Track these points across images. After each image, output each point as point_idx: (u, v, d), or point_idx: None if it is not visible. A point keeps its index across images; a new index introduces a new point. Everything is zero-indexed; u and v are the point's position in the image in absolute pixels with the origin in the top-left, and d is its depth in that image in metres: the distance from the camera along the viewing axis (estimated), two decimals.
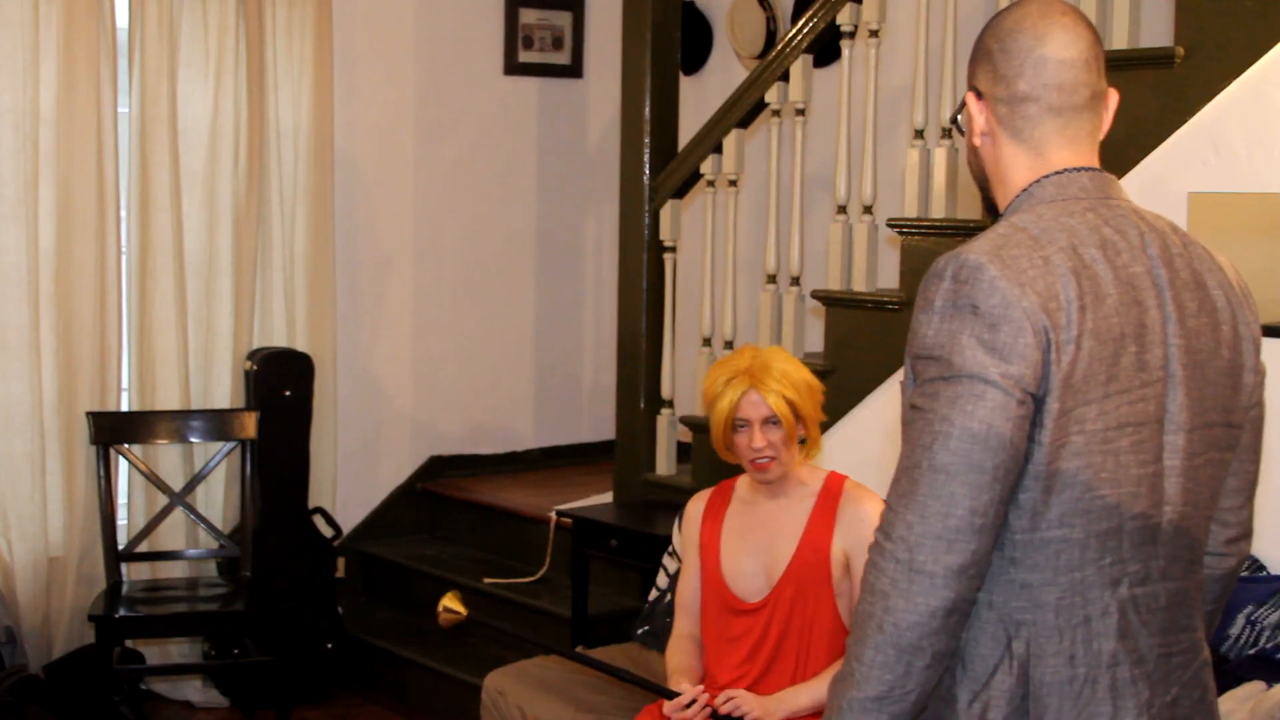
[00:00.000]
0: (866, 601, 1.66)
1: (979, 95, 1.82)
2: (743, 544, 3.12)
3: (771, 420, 3.01)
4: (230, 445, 4.64)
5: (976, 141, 1.83)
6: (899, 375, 1.88)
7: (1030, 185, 1.78)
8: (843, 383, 4.15)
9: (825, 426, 4.17)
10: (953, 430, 1.61)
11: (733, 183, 4.59)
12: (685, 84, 5.35)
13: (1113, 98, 1.83)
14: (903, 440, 1.69)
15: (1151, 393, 1.69)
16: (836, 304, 4.22)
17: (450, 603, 3.29)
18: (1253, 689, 2.82)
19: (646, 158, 4.78)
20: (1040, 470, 1.65)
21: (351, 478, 5.41)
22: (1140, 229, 1.75)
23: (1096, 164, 1.81)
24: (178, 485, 4.69)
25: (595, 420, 6.10)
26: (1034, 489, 1.65)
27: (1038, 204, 1.76)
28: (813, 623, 3.01)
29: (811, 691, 2.95)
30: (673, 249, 4.78)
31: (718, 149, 4.58)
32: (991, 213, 1.89)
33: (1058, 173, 1.77)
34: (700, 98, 5.79)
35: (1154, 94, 3.47)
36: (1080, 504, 1.66)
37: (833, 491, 3.08)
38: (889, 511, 1.67)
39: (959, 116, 1.89)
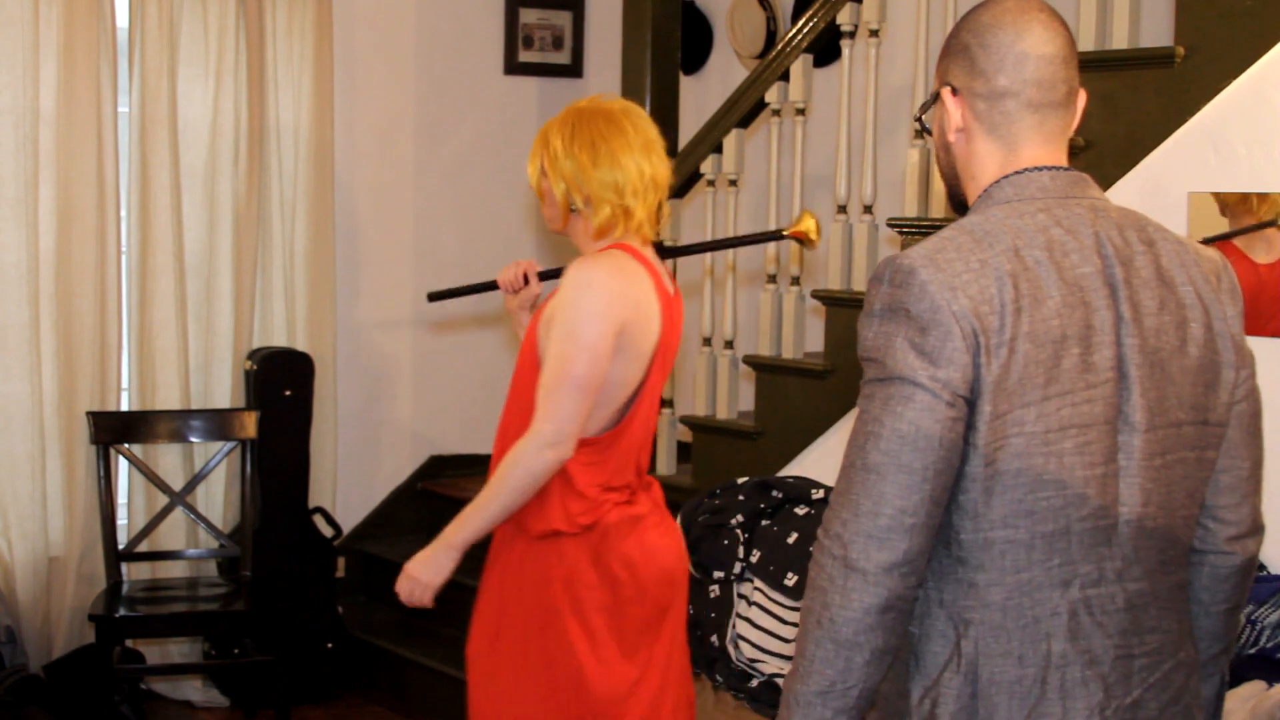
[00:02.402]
0: (809, 597, 1.70)
1: (954, 91, 1.81)
2: None
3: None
4: (230, 445, 4.64)
5: (951, 138, 1.83)
6: None
7: (990, 186, 1.79)
8: (843, 383, 4.15)
9: (825, 426, 4.20)
10: (883, 431, 1.65)
11: (733, 182, 4.59)
12: (685, 84, 5.35)
13: (1082, 97, 1.84)
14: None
15: (1099, 394, 1.69)
16: (836, 304, 4.22)
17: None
18: (1253, 689, 2.82)
19: None
20: (978, 472, 1.67)
21: (351, 478, 5.41)
22: (1095, 228, 1.74)
23: (1064, 161, 1.81)
24: (178, 485, 4.69)
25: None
26: (973, 490, 1.67)
27: (992, 205, 1.77)
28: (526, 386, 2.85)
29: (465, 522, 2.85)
30: None
31: (718, 149, 4.58)
32: (959, 210, 1.90)
33: (1018, 172, 1.78)
34: (700, 98, 5.79)
35: (1154, 94, 3.47)
36: (1023, 505, 1.67)
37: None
38: (829, 509, 1.71)
39: (923, 116, 1.89)
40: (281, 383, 4.86)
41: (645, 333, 2.83)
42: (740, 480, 4.05)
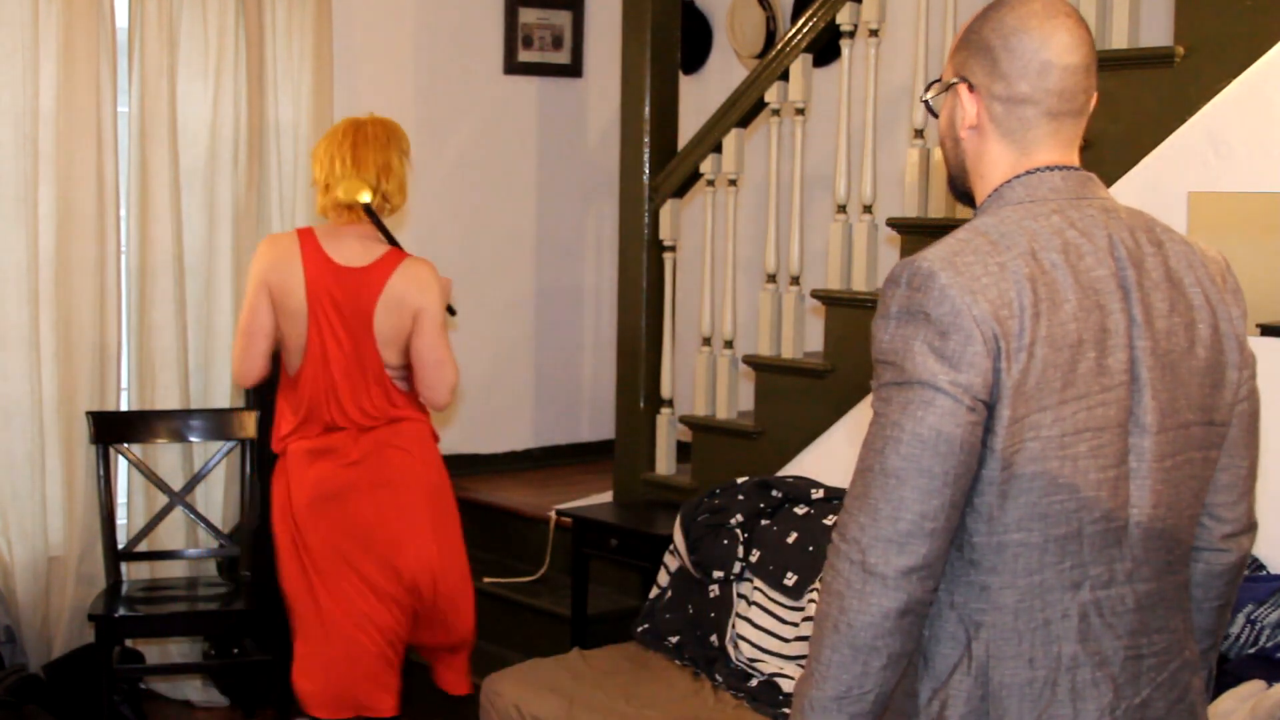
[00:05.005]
0: (824, 601, 1.69)
1: (971, 87, 1.80)
2: None
3: None
4: (230, 445, 4.63)
5: (963, 134, 1.82)
6: None
7: (1001, 186, 1.78)
8: (842, 382, 4.15)
9: (825, 426, 4.20)
10: (903, 435, 1.64)
11: (732, 182, 4.59)
12: (685, 84, 5.35)
13: (1093, 99, 1.83)
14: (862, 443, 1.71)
15: (1113, 397, 1.69)
16: (836, 304, 4.22)
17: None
18: (1253, 688, 2.82)
19: (646, 157, 4.79)
20: (995, 476, 1.66)
21: None
22: (1109, 230, 1.74)
23: (1076, 161, 1.80)
24: (177, 485, 4.69)
25: (595, 420, 6.10)
26: (989, 494, 1.67)
27: (1004, 205, 1.76)
28: None
29: None
30: (672, 249, 4.78)
31: (717, 148, 4.58)
32: (960, 199, 1.89)
33: (1029, 173, 1.77)
34: (700, 97, 5.80)
35: (1154, 94, 3.47)
36: (1037, 509, 1.67)
37: None
38: (845, 514, 1.69)
39: (931, 101, 1.87)
40: None
41: (288, 295, 3.58)
42: (740, 480, 4.05)
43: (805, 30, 4.32)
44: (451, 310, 3.83)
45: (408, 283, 3.60)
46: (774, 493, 3.94)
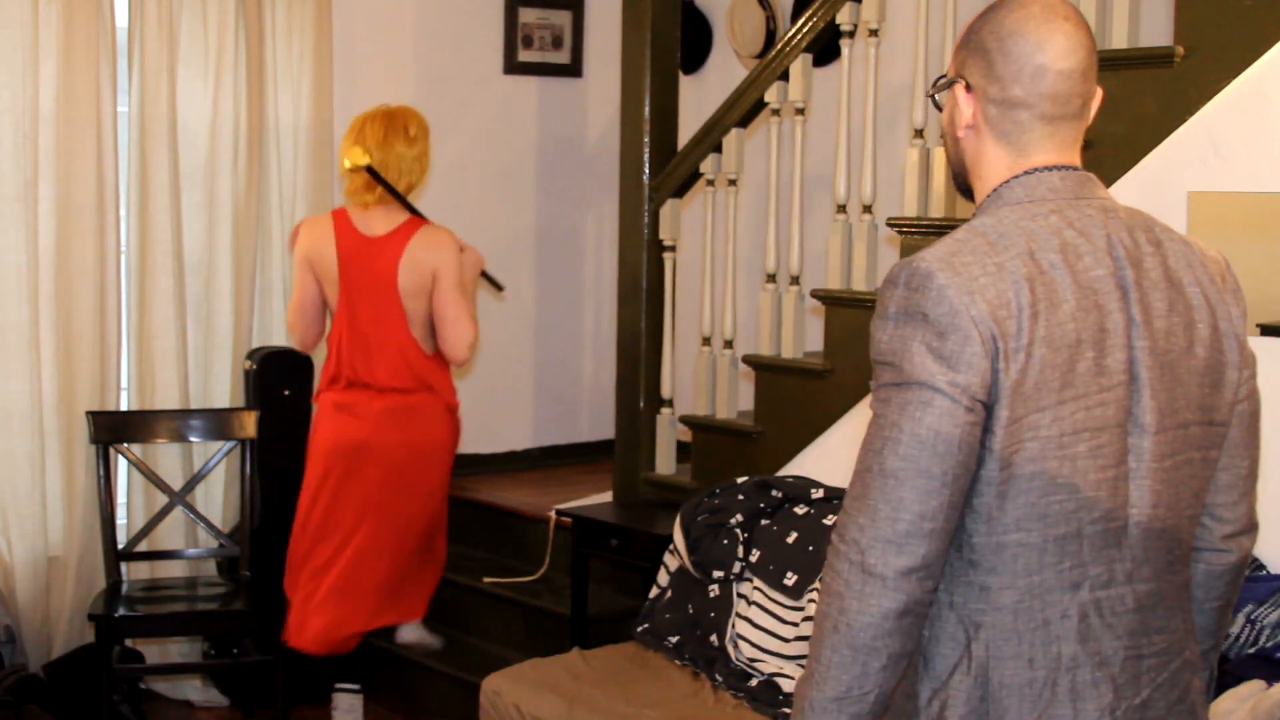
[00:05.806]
0: (824, 602, 1.69)
1: (968, 88, 1.80)
2: None
3: None
4: (230, 445, 4.64)
5: (960, 134, 1.82)
6: None
7: (999, 186, 1.78)
8: (842, 382, 4.15)
9: (825, 426, 4.20)
10: (901, 436, 1.64)
11: (732, 182, 4.59)
12: (685, 84, 5.35)
13: (1098, 96, 1.82)
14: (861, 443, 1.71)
15: (1112, 397, 1.69)
16: (836, 304, 4.22)
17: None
18: (1253, 688, 2.82)
19: (646, 157, 4.79)
20: (994, 476, 1.66)
21: None
22: (1107, 230, 1.73)
23: (1076, 162, 1.80)
24: (177, 485, 4.69)
25: (595, 420, 6.10)
26: (988, 494, 1.67)
27: (1002, 206, 1.76)
28: None
29: None
30: (672, 248, 4.78)
31: (717, 148, 4.58)
32: (964, 194, 1.89)
33: (1027, 173, 1.76)
34: (700, 97, 5.80)
35: (1154, 94, 3.47)
36: (1036, 509, 1.67)
37: None
38: (844, 514, 1.69)
39: (936, 96, 1.87)
40: (281, 382, 4.86)
41: (323, 266, 4.11)
42: (740, 480, 4.05)
43: (805, 30, 4.32)
44: (497, 284, 4.50)
45: (424, 245, 4.07)
46: (774, 493, 3.94)
